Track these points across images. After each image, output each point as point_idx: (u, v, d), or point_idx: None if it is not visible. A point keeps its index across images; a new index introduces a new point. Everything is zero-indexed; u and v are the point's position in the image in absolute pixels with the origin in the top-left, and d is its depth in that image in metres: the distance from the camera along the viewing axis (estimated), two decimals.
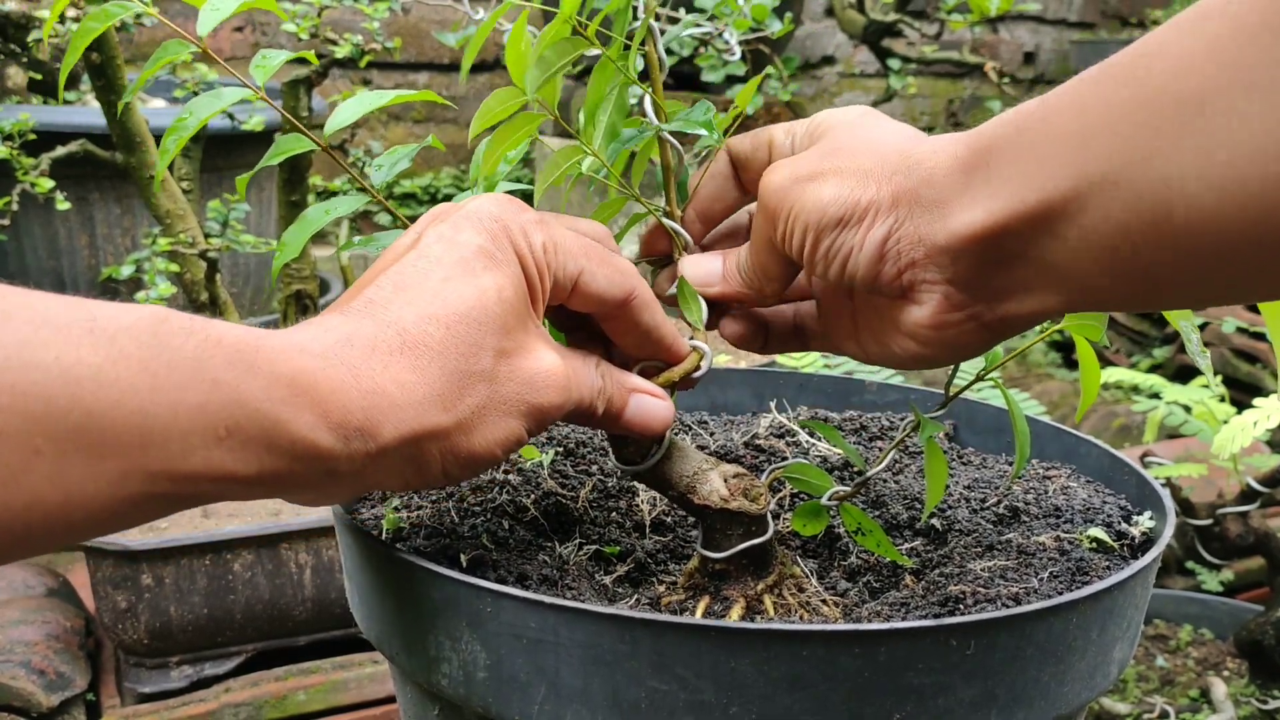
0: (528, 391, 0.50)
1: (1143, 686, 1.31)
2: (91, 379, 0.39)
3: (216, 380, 0.41)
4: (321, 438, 0.44)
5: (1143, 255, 0.43)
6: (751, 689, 0.48)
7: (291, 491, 0.46)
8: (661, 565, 0.64)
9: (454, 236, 0.50)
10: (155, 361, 0.40)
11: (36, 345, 0.38)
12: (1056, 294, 0.48)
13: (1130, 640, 0.57)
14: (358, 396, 0.45)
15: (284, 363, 0.43)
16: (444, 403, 0.47)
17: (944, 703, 0.49)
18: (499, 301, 0.49)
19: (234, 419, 0.42)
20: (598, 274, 0.54)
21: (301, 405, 0.43)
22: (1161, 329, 2.80)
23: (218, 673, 1.28)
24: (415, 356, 0.47)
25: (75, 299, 0.41)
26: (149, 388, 0.40)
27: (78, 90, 2.02)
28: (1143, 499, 0.70)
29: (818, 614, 0.59)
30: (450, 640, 0.53)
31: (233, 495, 0.44)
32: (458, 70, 3.32)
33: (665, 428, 0.57)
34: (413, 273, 0.49)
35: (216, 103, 0.61)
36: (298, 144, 0.62)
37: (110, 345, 0.39)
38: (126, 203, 1.96)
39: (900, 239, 0.51)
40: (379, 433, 0.45)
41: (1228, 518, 1.33)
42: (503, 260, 0.50)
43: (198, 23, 0.60)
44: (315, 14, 1.35)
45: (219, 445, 0.41)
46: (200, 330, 0.42)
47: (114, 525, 0.41)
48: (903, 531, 0.69)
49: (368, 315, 0.47)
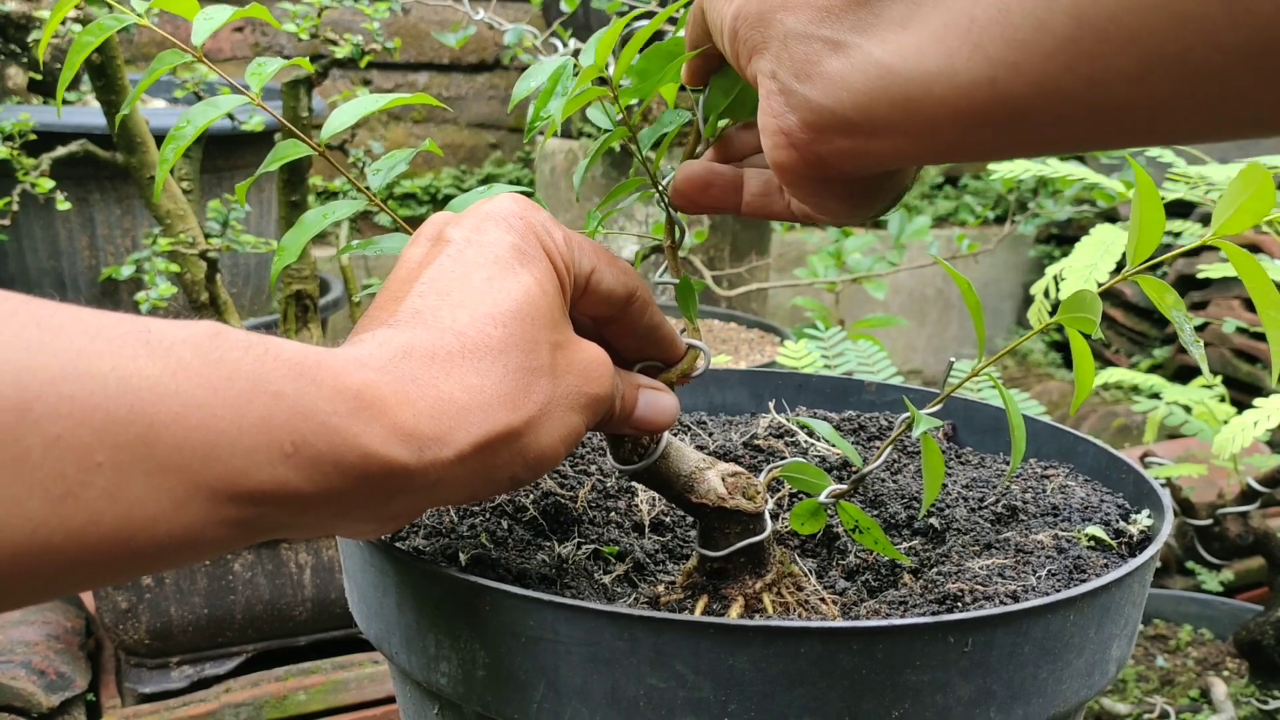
0: (584, 383, 0.50)
1: (1143, 686, 1.31)
2: (150, 390, 0.37)
3: (279, 393, 0.40)
4: (394, 451, 0.42)
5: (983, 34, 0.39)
6: (750, 686, 0.48)
7: (357, 513, 0.44)
8: (660, 565, 0.64)
9: (482, 238, 0.50)
10: (214, 374, 0.39)
11: (92, 356, 0.36)
12: (870, 108, 0.43)
13: (1128, 638, 0.58)
14: (426, 406, 0.43)
15: (346, 376, 0.42)
16: (512, 403, 0.46)
17: (942, 700, 0.49)
18: (544, 295, 0.49)
19: (300, 434, 0.40)
20: (606, 273, 0.54)
21: (370, 418, 0.42)
22: (1162, 329, 2.80)
23: (218, 673, 1.28)
24: (477, 359, 0.46)
25: (126, 314, 0.39)
26: (210, 400, 0.38)
27: (78, 90, 2.02)
28: (1140, 497, 0.71)
29: (816, 612, 0.59)
30: (449, 639, 0.53)
31: (298, 522, 0.42)
32: (458, 70, 3.32)
33: (673, 422, 0.57)
34: (453, 277, 0.48)
35: (213, 110, 0.61)
36: (295, 150, 0.62)
37: (168, 356, 0.38)
38: (126, 203, 1.96)
39: (746, 15, 0.47)
40: (453, 439, 0.44)
41: (1228, 518, 1.33)
42: (535, 256, 0.50)
43: (192, 33, 0.60)
44: (315, 14, 1.35)
45: (285, 462, 0.40)
46: (258, 344, 0.41)
47: (178, 553, 0.39)
48: (901, 530, 0.69)
49: (419, 324, 0.46)
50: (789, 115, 0.46)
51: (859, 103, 0.43)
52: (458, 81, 3.32)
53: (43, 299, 0.38)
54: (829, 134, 0.45)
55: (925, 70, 0.41)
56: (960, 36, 0.40)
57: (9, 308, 0.36)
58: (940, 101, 0.41)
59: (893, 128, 0.43)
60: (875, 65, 0.42)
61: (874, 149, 0.45)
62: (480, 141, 3.38)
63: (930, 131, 0.43)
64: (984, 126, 0.41)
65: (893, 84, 0.42)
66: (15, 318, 0.36)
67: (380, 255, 0.63)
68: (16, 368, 0.35)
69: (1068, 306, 0.55)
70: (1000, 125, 0.41)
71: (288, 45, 2.95)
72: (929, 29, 0.41)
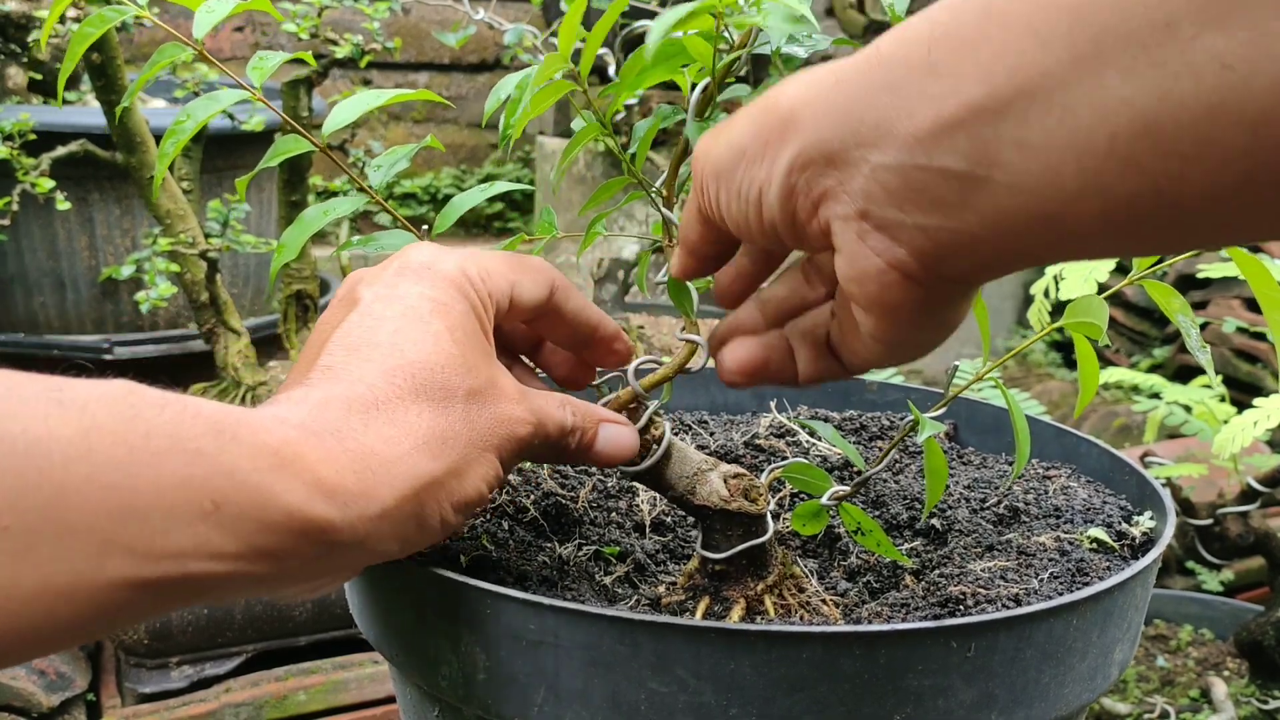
0: (501, 426, 0.50)
1: (1143, 687, 1.31)
2: (61, 452, 0.37)
3: (199, 451, 0.39)
4: (318, 508, 0.42)
5: (1131, 148, 0.35)
6: (751, 691, 0.48)
7: (288, 573, 0.43)
8: (661, 566, 0.64)
9: (392, 292, 0.50)
10: (130, 432, 0.38)
11: (4, 417, 0.36)
12: (1007, 224, 0.40)
13: (1131, 641, 0.57)
14: (347, 461, 0.43)
15: (265, 433, 0.41)
16: (430, 451, 0.46)
17: (944, 704, 0.49)
18: (454, 343, 0.49)
19: (221, 491, 0.39)
20: (524, 281, 0.54)
21: (291, 475, 0.41)
22: (1162, 329, 2.80)
23: (218, 673, 1.28)
24: (390, 411, 0.46)
25: (38, 375, 0.39)
26: (126, 459, 0.38)
27: (78, 90, 2.02)
28: (1143, 499, 0.70)
29: (818, 614, 0.59)
30: (450, 642, 0.53)
31: (225, 584, 0.41)
32: (458, 70, 3.31)
33: (631, 455, 0.57)
34: (360, 332, 0.48)
35: (213, 105, 0.61)
36: (296, 145, 0.62)
37: (81, 416, 0.38)
38: (126, 203, 1.96)
39: (809, 161, 0.43)
40: (378, 494, 0.44)
41: (1228, 518, 1.33)
42: (448, 303, 0.50)
43: (194, 25, 0.60)
44: (315, 14, 1.35)
45: (205, 520, 0.39)
46: (175, 402, 0.40)
47: (102, 621, 0.39)
48: (903, 531, 0.69)
49: (331, 379, 0.46)
50: (896, 249, 0.43)
51: (990, 221, 0.40)
52: (458, 81, 3.32)
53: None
54: (952, 257, 0.42)
55: (1065, 189, 0.38)
56: (1102, 155, 0.37)
57: None
58: (1089, 214, 0.38)
59: (1031, 237, 0.41)
60: (1004, 190, 0.39)
61: (1004, 262, 0.43)
62: (480, 141, 3.38)
63: (1075, 240, 0.41)
64: (1141, 229, 0.39)
65: (1029, 203, 0.39)
66: None
67: (381, 252, 0.62)
68: None
69: (1074, 311, 0.55)
70: (1162, 227, 0.39)
71: (288, 46, 2.95)
72: (1056, 152, 0.38)
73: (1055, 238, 0.40)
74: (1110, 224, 0.38)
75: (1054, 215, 0.39)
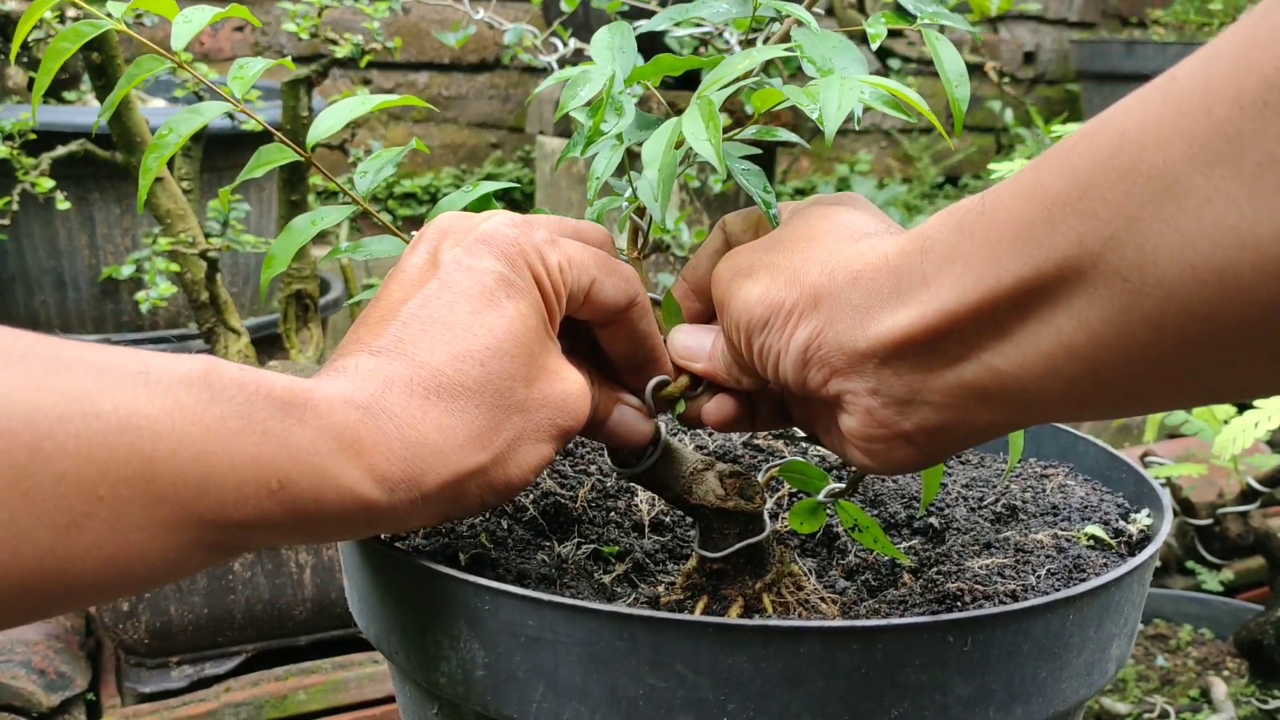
0: (557, 415, 0.51)
1: (1143, 686, 1.31)
2: (149, 428, 0.40)
3: (267, 431, 0.43)
4: (367, 491, 0.45)
5: (1106, 349, 0.38)
6: (749, 686, 0.48)
7: (323, 536, 0.47)
8: (660, 565, 0.64)
9: (473, 262, 0.51)
10: (208, 413, 0.42)
11: (96, 396, 0.40)
12: (993, 409, 0.44)
13: (1128, 637, 0.58)
14: (400, 448, 0.46)
15: (328, 415, 0.45)
16: (481, 442, 0.48)
17: (941, 699, 0.49)
18: (525, 330, 0.50)
19: (286, 471, 0.43)
20: (606, 283, 0.54)
21: (348, 460, 0.44)
22: None
23: (218, 672, 1.28)
24: (453, 398, 0.48)
25: (128, 349, 0.42)
26: (204, 437, 0.41)
27: (78, 90, 2.02)
28: (1140, 497, 0.71)
29: (816, 612, 0.59)
30: (449, 639, 0.53)
31: (273, 542, 0.45)
32: (458, 70, 3.32)
33: (642, 443, 0.58)
34: (439, 306, 0.49)
35: (196, 119, 0.60)
36: (280, 155, 0.62)
37: (165, 396, 0.41)
38: (126, 203, 1.96)
39: (823, 344, 0.48)
40: (422, 482, 0.47)
41: (1228, 518, 1.33)
42: (523, 286, 0.51)
43: (172, 37, 0.60)
44: (315, 14, 1.35)
45: (270, 497, 0.43)
46: (251, 382, 0.43)
47: (165, 574, 0.43)
48: (901, 530, 0.69)
49: (399, 356, 0.48)
50: (902, 422, 0.47)
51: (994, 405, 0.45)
52: (458, 81, 3.32)
53: (51, 338, 0.41)
54: (953, 429, 0.47)
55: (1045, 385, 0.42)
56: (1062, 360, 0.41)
57: (20, 349, 0.39)
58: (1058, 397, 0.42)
59: (1023, 415, 0.45)
60: (991, 366, 0.43)
61: (1005, 430, 0.48)
62: (481, 141, 3.38)
63: (1055, 414, 0.46)
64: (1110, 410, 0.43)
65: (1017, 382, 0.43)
66: (25, 360, 0.39)
67: (370, 259, 0.63)
68: (29, 408, 0.38)
69: None
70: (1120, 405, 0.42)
71: (288, 45, 2.95)
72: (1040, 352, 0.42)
73: (1041, 416, 0.45)
74: (1079, 406, 0.43)
75: (1076, 377, 0.42)
